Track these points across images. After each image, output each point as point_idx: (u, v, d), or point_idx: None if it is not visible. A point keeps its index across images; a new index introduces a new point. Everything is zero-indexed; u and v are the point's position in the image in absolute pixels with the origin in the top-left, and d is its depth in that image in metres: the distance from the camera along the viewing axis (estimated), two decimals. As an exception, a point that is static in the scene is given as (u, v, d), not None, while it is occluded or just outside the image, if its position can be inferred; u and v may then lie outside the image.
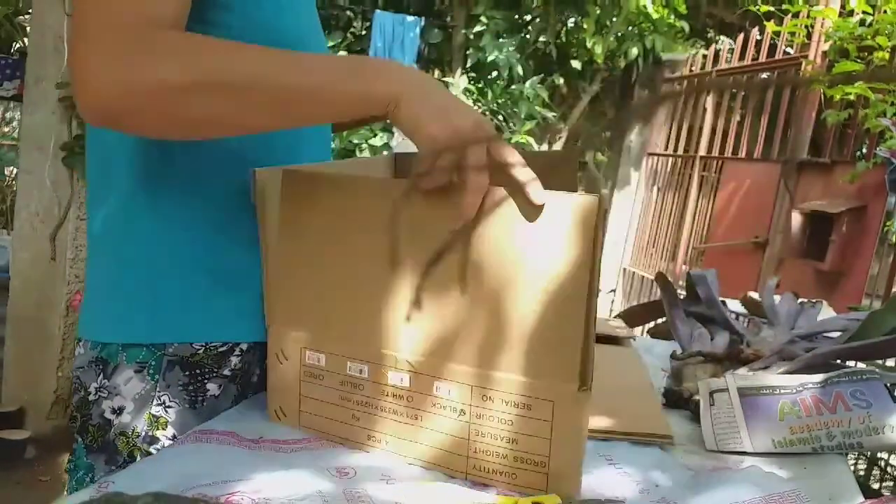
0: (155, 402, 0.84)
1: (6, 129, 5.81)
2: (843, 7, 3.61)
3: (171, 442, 0.84)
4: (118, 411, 0.85)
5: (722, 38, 6.42)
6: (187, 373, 0.85)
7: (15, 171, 4.01)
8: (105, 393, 0.85)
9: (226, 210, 0.85)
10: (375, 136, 4.53)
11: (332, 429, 0.78)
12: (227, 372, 0.87)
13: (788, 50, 4.01)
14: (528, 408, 0.68)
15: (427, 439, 0.73)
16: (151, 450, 0.84)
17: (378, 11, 4.49)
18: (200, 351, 0.85)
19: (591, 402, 0.68)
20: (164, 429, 0.85)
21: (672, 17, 5.16)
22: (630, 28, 5.05)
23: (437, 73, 5.19)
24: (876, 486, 2.30)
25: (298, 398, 0.79)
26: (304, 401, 0.79)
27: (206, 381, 0.86)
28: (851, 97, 3.34)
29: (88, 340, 0.88)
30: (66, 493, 0.92)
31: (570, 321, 0.67)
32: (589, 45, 4.84)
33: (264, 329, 0.83)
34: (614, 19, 4.87)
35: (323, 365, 0.77)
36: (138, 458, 0.84)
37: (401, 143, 5.41)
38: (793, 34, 3.79)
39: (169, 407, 0.85)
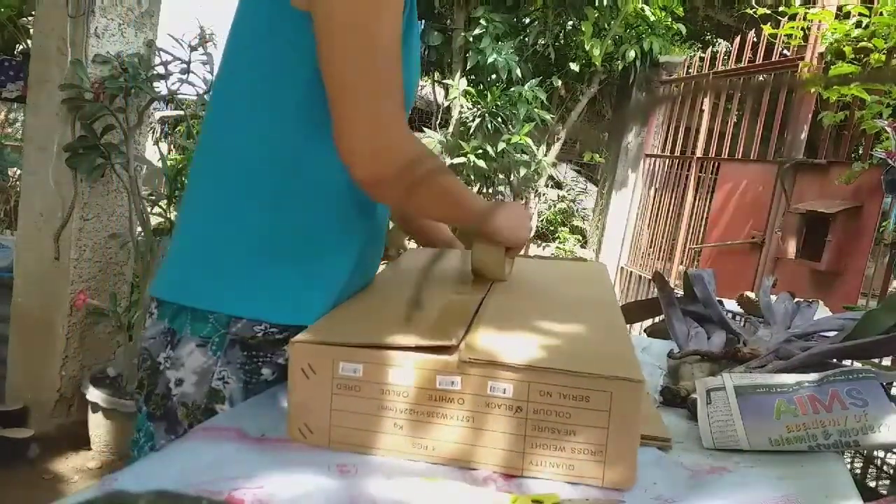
0: (215, 377, 0.91)
1: (9, 131, 5.80)
2: (839, 9, 3.63)
3: (213, 417, 0.89)
4: (179, 382, 0.91)
5: (719, 40, 6.44)
6: (245, 353, 0.92)
7: (18, 171, 4.00)
8: (170, 363, 0.92)
9: (328, 213, 0.95)
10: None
11: (370, 441, 0.76)
12: (281, 360, 0.94)
13: (785, 52, 4.03)
14: (586, 399, 0.71)
15: (479, 440, 0.74)
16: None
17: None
18: (260, 335, 0.91)
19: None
20: (222, 403, 0.91)
21: (669, 19, 5.18)
22: (627, 31, 5.07)
23: (437, 75, 5.20)
24: (872, 484, 2.32)
25: (329, 413, 0.76)
26: (335, 415, 0.76)
27: (261, 364, 0.93)
28: (847, 99, 3.36)
29: (159, 308, 0.94)
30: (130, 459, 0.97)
31: (618, 326, 0.86)
32: (587, 47, 4.86)
33: None
34: (612, 22, 4.88)
35: (360, 375, 0.75)
36: (183, 434, 0.88)
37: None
38: (789, 36, 3.80)
39: (227, 382, 0.92)
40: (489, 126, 4.67)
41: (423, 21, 4.61)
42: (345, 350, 0.75)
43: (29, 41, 3.45)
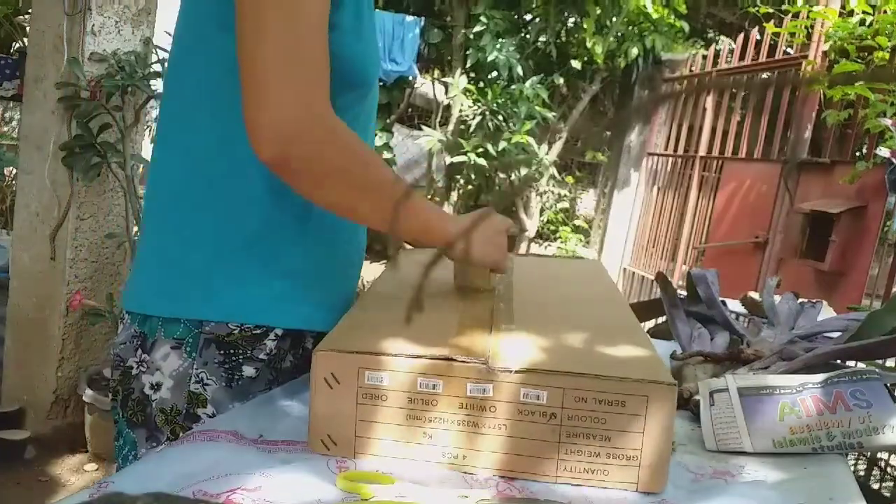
0: (193, 380, 0.88)
1: (6, 129, 5.81)
2: (843, 7, 3.61)
3: (211, 419, 0.87)
4: (156, 387, 0.88)
5: (722, 38, 6.43)
6: (222, 352, 0.88)
7: (14, 171, 4.00)
8: (145, 367, 0.88)
9: (282, 202, 0.89)
10: (375, 135, 4.53)
11: (398, 451, 0.75)
12: (262, 356, 0.90)
13: (788, 50, 4.01)
14: (622, 404, 0.71)
15: (512, 448, 0.73)
16: (194, 427, 0.86)
17: (378, 11, 4.49)
18: (236, 331, 0.88)
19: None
20: (203, 406, 0.88)
21: (672, 17, 5.16)
22: (630, 28, 5.06)
23: (437, 72, 5.19)
24: (876, 486, 2.31)
25: (354, 424, 0.75)
26: (361, 426, 0.75)
27: (241, 361, 0.89)
28: (851, 97, 3.34)
29: (129, 315, 0.91)
30: (116, 466, 0.97)
31: (635, 326, 0.91)
32: (589, 44, 4.85)
33: (300, 317, 0.91)
34: (614, 19, 4.87)
35: (386, 384, 0.74)
36: (181, 436, 0.85)
37: (400, 142, 5.41)
38: (793, 35, 3.79)
39: (206, 384, 0.88)
40: (490, 124, 4.66)
41: (424, 18, 4.60)
42: (371, 358, 0.73)
43: (25, 39, 3.45)
